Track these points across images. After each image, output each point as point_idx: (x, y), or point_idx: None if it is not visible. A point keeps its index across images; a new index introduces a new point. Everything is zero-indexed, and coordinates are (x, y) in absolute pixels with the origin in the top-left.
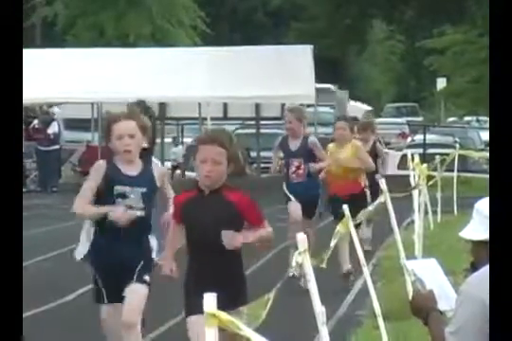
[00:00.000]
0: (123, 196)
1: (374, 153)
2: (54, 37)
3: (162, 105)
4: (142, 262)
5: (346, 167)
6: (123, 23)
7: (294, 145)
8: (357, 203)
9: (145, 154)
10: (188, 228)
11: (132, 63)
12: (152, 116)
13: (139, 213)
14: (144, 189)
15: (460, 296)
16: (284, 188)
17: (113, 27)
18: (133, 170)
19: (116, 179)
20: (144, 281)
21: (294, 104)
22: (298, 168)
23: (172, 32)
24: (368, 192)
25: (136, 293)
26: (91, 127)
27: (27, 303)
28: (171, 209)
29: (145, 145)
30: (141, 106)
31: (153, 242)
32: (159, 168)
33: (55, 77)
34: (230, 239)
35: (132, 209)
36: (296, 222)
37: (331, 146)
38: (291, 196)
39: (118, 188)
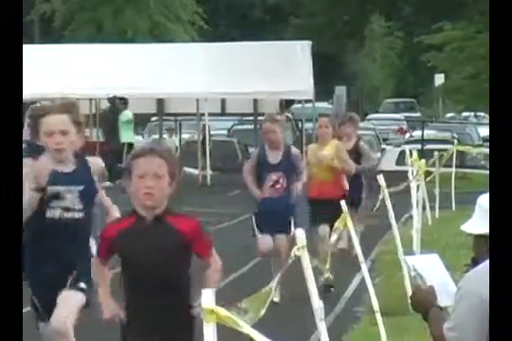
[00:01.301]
0: (57, 197)
1: (357, 152)
2: (52, 33)
3: (160, 101)
4: (78, 268)
5: (327, 166)
6: (121, 19)
7: (274, 157)
8: (338, 209)
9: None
10: (127, 266)
11: (130, 59)
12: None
13: (77, 216)
14: (81, 187)
15: (459, 292)
16: (253, 216)
17: (111, 23)
18: (66, 166)
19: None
20: (79, 289)
21: (272, 113)
22: (276, 182)
23: (169, 28)
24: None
25: (68, 299)
26: (89, 123)
27: (26, 298)
28: (111, 217)
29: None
30: (113, 103)
31: (92, 244)
32: (96, 160)
33: (53, 73)
34: None
35: (68, 212)
36: (263, 255)
37: (313, 146)
38: (257, 230)
39: (52, 189)
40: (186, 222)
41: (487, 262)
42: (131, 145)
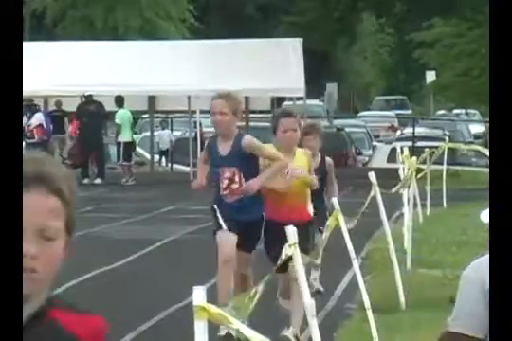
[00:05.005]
0: None
1: (324, 171)
2: (43, 30)
3: (151, 98)
4: None
5: (300, 183)
6: (112, 16)
7: (224, 148)
8: (303, 233)
9: None
10: None
11: (121, 56)
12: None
13: None
14: None
15: (461, 282)
16: (215, 208)
17: (102, 21)
18: None
19: None
20: None
21: (226, 91)
22: (231, 180)
23: (160, 25)
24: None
25: None
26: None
27: None
28: None
29: None
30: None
31: None
32: None
33: (44, 70)
34: None
35: None
36: (227, 262)
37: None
38: (223, 223)
39: None
40: (83, 321)
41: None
42: (130, 143)
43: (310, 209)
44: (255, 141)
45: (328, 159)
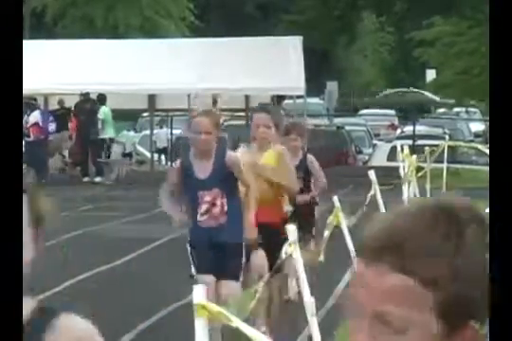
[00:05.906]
0: None
1: (306, 169)
2: (43, 28)
3: (151, 97)
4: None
5: (266, 181)
6: (113, 14)
7: (203, 169)
8: (273, 238)
9: None
10: None
11: (121, 55)
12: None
13: None
14: None
15: None
16: (188, 247)
17: (102, 19)
18: None
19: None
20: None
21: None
22: (212, 205)
23: (161, 23)
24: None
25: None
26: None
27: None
28: None
29: None
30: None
31: None
32: None
33: (44, 68)
34: None
35: None
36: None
37: (244, 151)
38: (194, 270)
39: None
40: None
41: None
42: (111, 139)
43: (284, 208)
44: (239, 160)
45: (310, 156)
